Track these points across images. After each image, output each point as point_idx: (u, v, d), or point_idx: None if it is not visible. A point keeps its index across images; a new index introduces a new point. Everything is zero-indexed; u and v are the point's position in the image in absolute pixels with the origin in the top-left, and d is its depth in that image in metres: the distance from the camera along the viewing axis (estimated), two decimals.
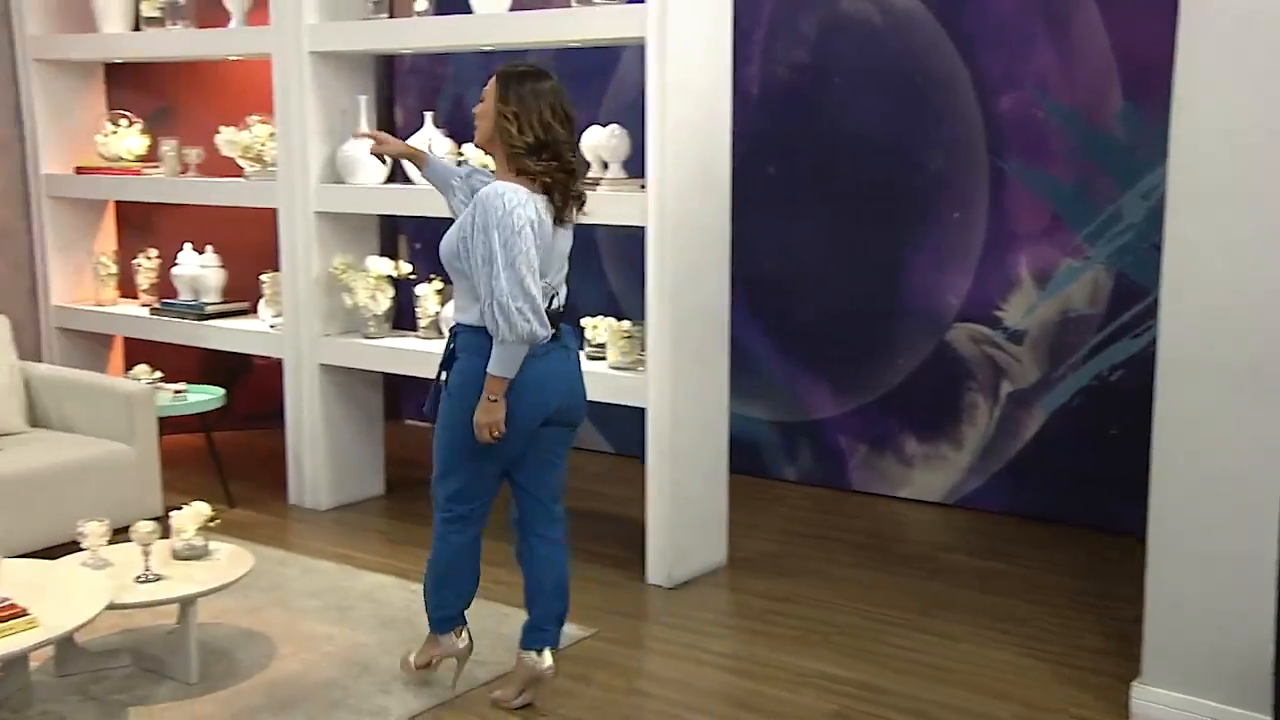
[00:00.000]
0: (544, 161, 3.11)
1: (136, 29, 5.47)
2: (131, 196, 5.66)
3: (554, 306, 3.22)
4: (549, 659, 3.38)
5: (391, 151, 3.60)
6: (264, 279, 5.30)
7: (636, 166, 4.29)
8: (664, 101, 4.08)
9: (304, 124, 4.94)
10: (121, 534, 3.67)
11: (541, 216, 3.11)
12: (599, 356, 4.51)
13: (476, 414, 3.16)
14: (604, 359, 4.48)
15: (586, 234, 5.94)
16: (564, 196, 3.16)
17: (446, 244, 3.21)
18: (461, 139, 4.61)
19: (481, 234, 3.06)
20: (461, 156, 4.56)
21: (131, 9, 5.47)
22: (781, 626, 4.01)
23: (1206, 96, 3.07)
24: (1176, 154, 3.13)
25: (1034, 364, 5.01)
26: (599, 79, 5.76)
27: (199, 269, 5.52)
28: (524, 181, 3.12)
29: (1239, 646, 3.15)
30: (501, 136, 3.14)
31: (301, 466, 5.20)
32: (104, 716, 3.35)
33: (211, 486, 5.16)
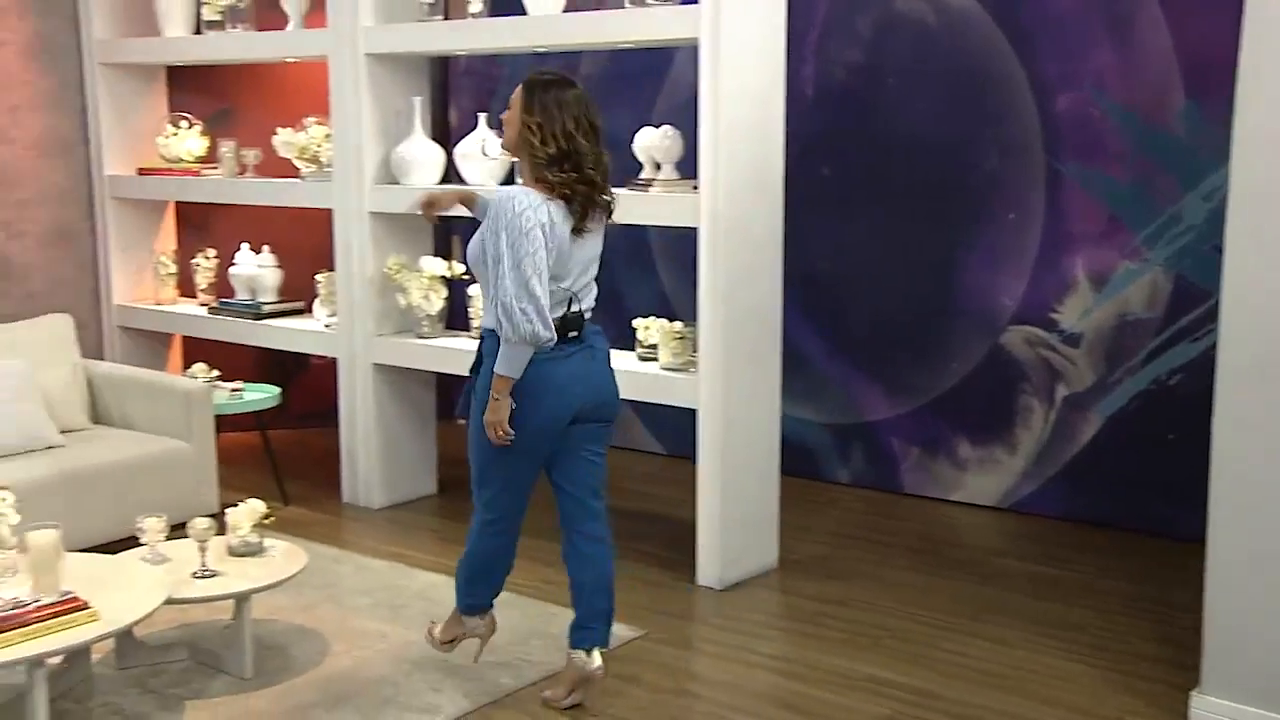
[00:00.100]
0: (564, 172, 3.14)
1: (198, 32, 5.55)
2: (191, 197, 5.74)
3: (574, 310, 3.25)
4: (598, 659, 3.39)
5: (443, 207, 3.62)
6: (319, 279, 5.36)
7: (689, 167, 4.29)
8: (717, 102, 4.08)
9: (359, 125, 4.99)
10: (179, 530, 3.73)
11: (555, 221, 3.13)
12: (650, 357, 4.51)
13: (485, 414, 3.22)
14: (655, 360, 4.48)
15: (639, 235, 6.02)
16: (584, 206, 3.18)
17: (471, 249, 3.28)
18: None
19: (492, 235, 3.13)
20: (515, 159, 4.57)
21: (193, 12, 5.55)
22: (832, 629, 3.99)
23: (1271, 94, 3.01)
24: (1239, 154, 3.08)
25: (1090, 367, 4.94)
26: (652, 80, 5.76)
27: (256, 269, 5.59)
28: (543, 189, 3.16)
29: None
30: (525, 146, 3.18)
31: (355, 465, 5.24)
32: (162, 709, 3.40)
33: (267, 484, 5.21)
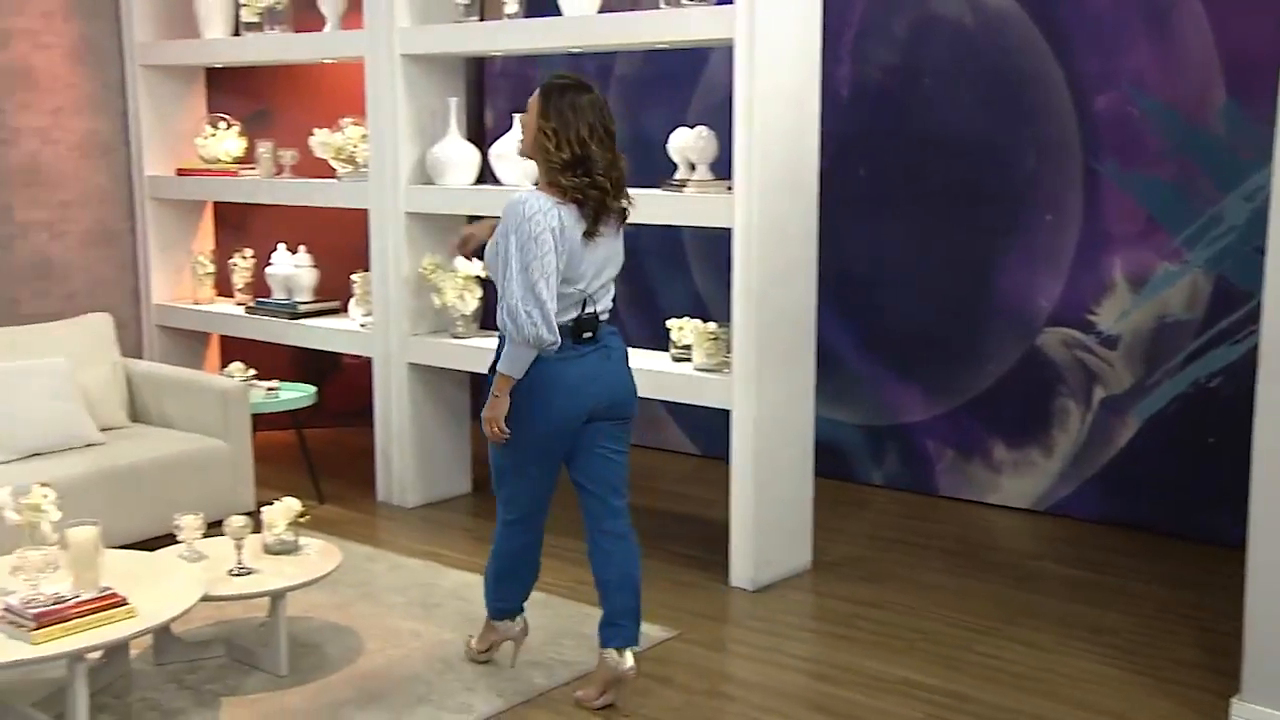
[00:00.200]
0: (577, 178, 3.16)
1: (236, 34, 5.59)
2: (229, 197, 5.79)
3: (589, 312, 3.27)
4: (630, 659, 3.39)
5: (479, 242, 3.55)
6: (355, 279, 5.39)
7: (724, 168, 4.29)
8: (752, 103, 4.07)
9: (395, 126, 5.01)
10: (215, 528, 3.76)
11: (566, 226, 3.15)
12: (684, 358, 4.50)
13: (483, 410, 3.26)
14: (689, 360, 4.48)
15: (673, 235, 6.02)
16: (596, 211, 3.19)
17: (488, 251, 3.30)
18: None
19: (503, 238, 3.17)
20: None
21: (232, 15, 5.59)
22: (866, 632, 3.97)
23: None
24: None
25: (1128, 369, 4.90)
26: (687, 80, 5.76)
27: (292, 268, 5.62)
28: (556, 193, 3.18)
29: None
30: (540, 150, 3.21)
31: (390, 464, 5.27)
32: (198, 705, 3.43)
33: (302, 483, 5.25)
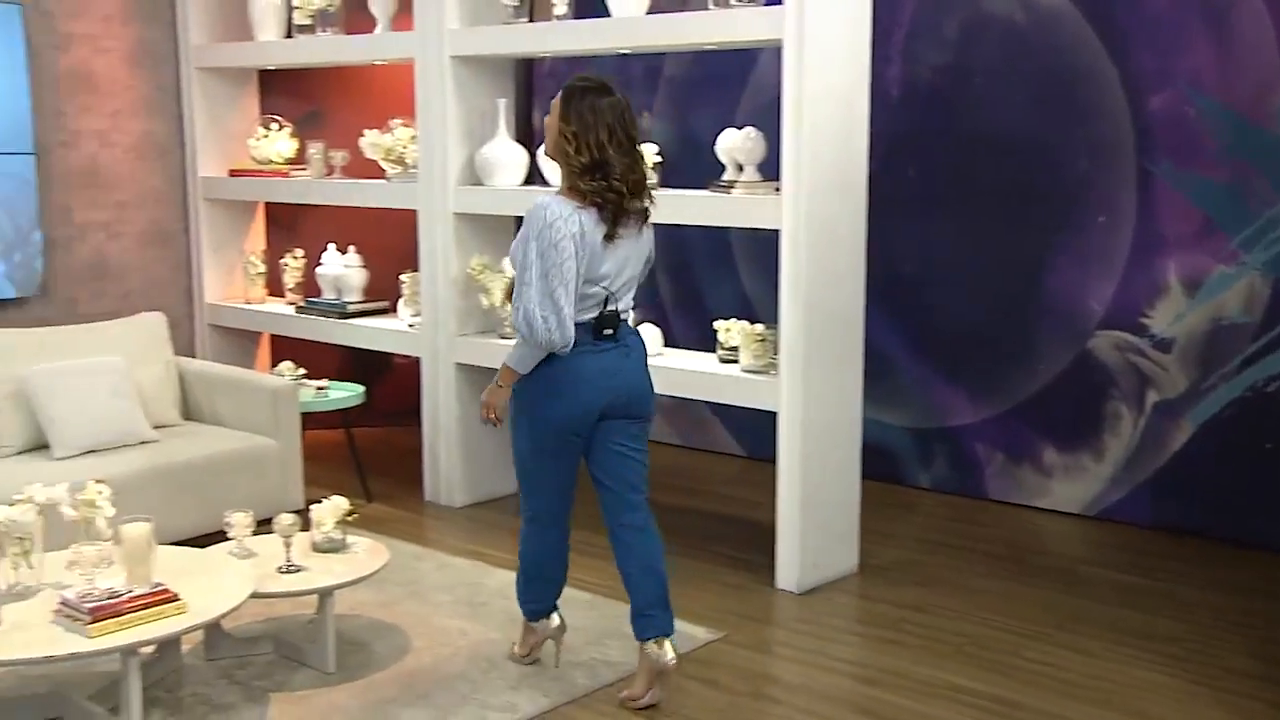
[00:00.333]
0: (595, 181, 3.20)
1: (289, 36, 5.65)
2: (280, 198, 5.85)
3: (610, 309, 3.31)
4: (669, 650, 3.39)
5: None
6: (403, 279, 5.42)
7: (772, 169, 4.27)
8: (800, 104, 4.05)
9: (444, 127, 5.04)
10: (265, 525, 3.80)
11: (586, 230, 3.19)
12: (731, 359, 4.49)
13: (483, 394, 3.38)
14: (736, 362, 4.47)
15: (720, 236, 6.01)
16: (614, 214, 3.23)
17: (512, 252, 3.34)
18: None
19: (522, 243, 3.23)
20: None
21: (285, 17, 5.65)
22: (913, 636, 3.95)
23: None
24: None
25: (1182, 373, 4.83)
26: (736, 81, 5.75)
27: (342, 268, 5.67)
28: (575, 196, 3.22)
29: None
30: (561, 153, 3.27)
31: (437, 464, 5.30)
32: (248, 700, 3.47)
33: (350, 481, 5.29)
